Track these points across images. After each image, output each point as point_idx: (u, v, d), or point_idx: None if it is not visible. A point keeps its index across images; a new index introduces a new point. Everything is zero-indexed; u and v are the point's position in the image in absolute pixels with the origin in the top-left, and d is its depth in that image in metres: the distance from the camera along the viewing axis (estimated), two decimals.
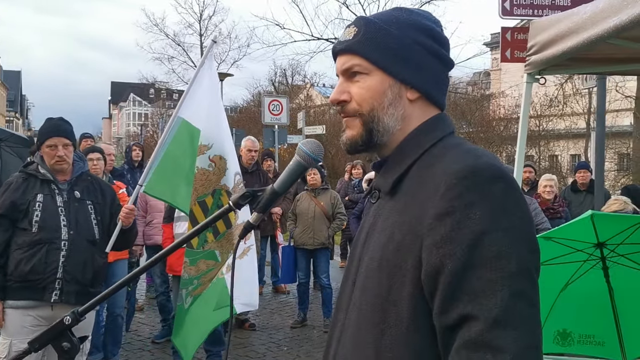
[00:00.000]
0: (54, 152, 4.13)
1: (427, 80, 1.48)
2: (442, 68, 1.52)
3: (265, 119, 17.11)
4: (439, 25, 1.54)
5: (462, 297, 1.21)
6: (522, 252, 1.24)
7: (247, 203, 1.66)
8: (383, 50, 1.46)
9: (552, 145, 23.56)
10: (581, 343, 4.09)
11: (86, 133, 9.58)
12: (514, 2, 7.63)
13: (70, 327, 1.66)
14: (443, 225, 1.26)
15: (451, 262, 1.23)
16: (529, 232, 1.29)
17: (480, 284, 1.20)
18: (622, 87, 18.80)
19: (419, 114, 1.49)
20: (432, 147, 1.43)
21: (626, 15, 2.81)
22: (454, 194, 1.27)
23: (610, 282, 3.84)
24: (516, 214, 1.27)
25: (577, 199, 8.63)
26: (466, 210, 1.25)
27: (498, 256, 1.21)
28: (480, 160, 1.31)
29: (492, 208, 1.25)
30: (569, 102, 22.96)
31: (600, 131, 7.51)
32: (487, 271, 1.21)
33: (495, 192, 1.26)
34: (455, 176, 1.29)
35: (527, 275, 1.23)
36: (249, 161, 7.98)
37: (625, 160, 21.23)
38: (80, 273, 4.07)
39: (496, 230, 1.23)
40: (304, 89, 38.14)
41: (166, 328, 7.30)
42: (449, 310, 1.23)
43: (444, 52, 1.51)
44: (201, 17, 37.45)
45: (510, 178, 1.31)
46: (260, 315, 8.71)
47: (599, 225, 3.64)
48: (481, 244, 1.22)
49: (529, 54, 3.89)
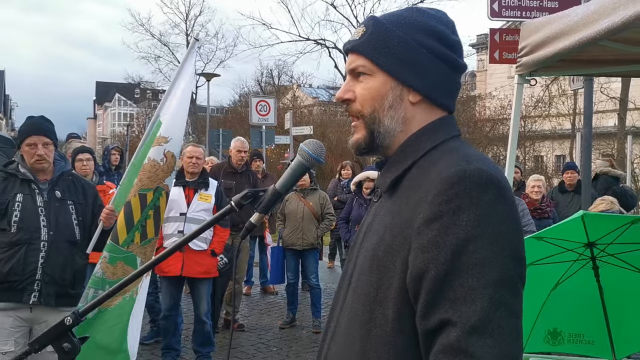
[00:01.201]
0: (33, 151, 4.03)
1: (430, 84, 1.47)
2: (449, 71, 1.50)
3: (252, 119, 17.08)
4: (451, 27, 1.52)
5: (443, 303, 1.22)
6: (507, 261, 1.24)
7: (248, 203, 1.67)
8: (386, 52, 1.46)
9: (538, 146, 23.72)
10: (571, 342, 4.13)
11: (73, 133, 9.54)
12: (502, 3, 7.69)
13: (71, 327, 1.66)
14: (430, 229, 1.27)
15: (435, 267, 1.24)
16: (516, 242, 1.28)
17: (462, 291, 1.21)
18: (606, 89, 18.98)
19: (421, 116, 1.49)
20: (432, 150, 1.43)
21: (618, 18, 2.84)
22: (443, 199, 1.28)
23: (601, 281, 3.87)
24: (504, 222, 1.27)
25: (565, 199, 8.70)
26: (453, 216, 1.25)
27: (481, 264, 1.22)
28: (472, 166, 1.30)
29: (480, 215, 1.25)
30: (555, 103, 23.12)
31: (588, 132, 7.57)
32: (470, 278, 1.21)
33: (484, 199, 1.26)
34: (445, 181, 1.29)
35: (510, 285, 1.24)
36: (238, 162, 7.96)
37: None
38: (60, 274, 3.98)
39: (481, 238, 1.23)
40: (290, 89, 38.11)
41: (154, 329, 7.28)
42: (430, 314, 1.24)
43: (452, 55, 1.49)
44: (187, 17, 37.31)
45: (502, 185, 1.30)
46: (249, 316, 8.70)
47: (590, 225, 3.67)
48: (465, 250, 1.23)
49: (520, 55, 3.92)
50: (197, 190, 6.27)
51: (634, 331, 4.05)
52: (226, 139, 19.92)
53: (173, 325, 6.32)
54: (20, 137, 4.14)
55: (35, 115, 4.30)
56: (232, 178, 7.82)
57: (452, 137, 1.47)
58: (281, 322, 8.28)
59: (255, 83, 39.60)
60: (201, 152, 6.46)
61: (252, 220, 1.68)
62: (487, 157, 1.41)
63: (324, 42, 27.40)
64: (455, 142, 1.46)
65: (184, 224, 6.11)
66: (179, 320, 6.53)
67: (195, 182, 6.29)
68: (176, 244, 1.75)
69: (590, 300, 3.94)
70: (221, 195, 6.45)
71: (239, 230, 7.43)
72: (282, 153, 25.76)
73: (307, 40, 27.44)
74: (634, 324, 4.03)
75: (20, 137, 4.15)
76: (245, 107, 32.93)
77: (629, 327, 4.02)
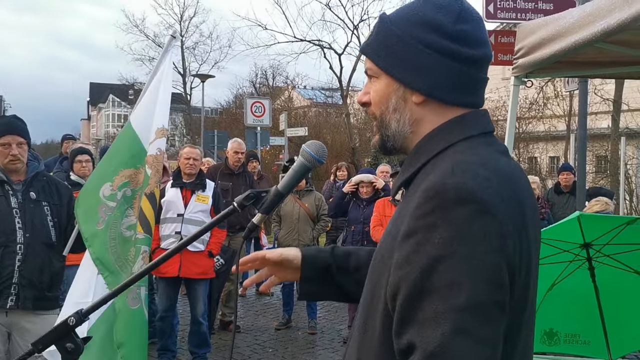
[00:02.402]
0: (7, 151, 3.92)
1: (431, 82, 1.36)
2: (456, 64, 1.35)
3: (247, 120, 17.06)
4: (455, 14, 1.37)
5: (411, 324, 1.17)
6: (478, 285, 1.13)
7: (251, 204, 1.68)
8: (386, 53, 1.40)
9: (532, 147, 23.74)
10: (567, 342, 4.16)
11: (68, 134, 9.52)
12: (497, 5, 7.72)
13: (74, 328, 1.66)
14: (406, 244, 1.22)
15: (406, 285, 1.19)
16: (492, 263, 1.16)
17: (428, 313, 1.14)
18: (600, 90, 19.00)
19: (432, 117, 1.39)
20: (442, 152, 1.34)
21: (613, 20, 2.87)
22: (420, 213, 1.21)
23: (596, 282, 3.90)
24: (479, 242, 1.16)
25: (561, 201, 8.74)
26: (427, 233, 1.18)
27: (449, 286, 1.13)
28: (451, 179, 1.21)
29: (453, 233, 1.16)
30: (549, 105, 23.17)
31: (582, 133, 7.60)
32: (436, 301, 1.14)
33: (459, 216, 1.17)
34: (425, 194, 1.23)
35: (478, 311, 1.13)
36: (235, 163, 7.96)
37: (603, 162, 21.47)
38: (38, 277, 3.90)
39: (452, 258, 1.15)
40: (285, 90, 38.09)
41: (151, 330, 7.24)
42: (400, 334, 1.19)
43: (455, 47, 1.35)
44: (182, 18, 37.21)
45: (483, 201, 1.18)
46: (245, 317, 8.70)
47: (586, 226, 3.70)
48: (436, 270, 1.15)
49: (516, 57, 3.94)
50: (194, 191, 6.28)
51: (629, 331, 4.09)
52: (221, 140, 19.92)
53: (169, 326, 6.32)
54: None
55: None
56: (228, 179, 7.82)
57: (467, 137, 1.35)
58: (277, 323, 8.29)
59: (250, 84, 39.57)
60: (198, 154, 6.46)
61: (255, 221, 1.69)
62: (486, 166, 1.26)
63: (319, 43, 27.37)
64: (465, 144, 1.34)
65: (181, 224, 6.12)
66: (175, 322, 6.53)
67: (193, 184, 6.30)
68: (178, 245, 1.75)
69: (586, 300, 3.97)
70: (218, 197, 6.47)
71: (235, 231, 7.45)
72: (277, 154, 25.77)
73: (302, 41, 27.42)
74: (629, 324, 4.06)
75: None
76: (239, 108, 32.90)
77: (625, 327, 4.05)
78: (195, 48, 37.22)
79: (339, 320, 8.68)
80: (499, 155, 1.34)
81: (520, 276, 1.22)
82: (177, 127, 45.83)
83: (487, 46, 1.41)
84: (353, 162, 22.87)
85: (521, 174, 1.37)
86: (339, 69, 27.93)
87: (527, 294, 1.28)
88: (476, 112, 1.41)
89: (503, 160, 1.33)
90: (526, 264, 1.25)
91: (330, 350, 7.34)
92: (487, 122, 1.42)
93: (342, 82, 27.95)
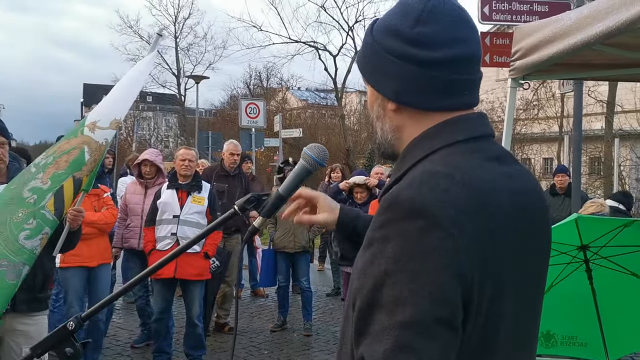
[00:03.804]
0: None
1: (396, 88, 1.34)
2: (420, 70, 1.30)
3: (242, 122, 17.06)
4: (413, 19, 1.32)
5: (364, 336, 1.16)
6: (424, 302, 1.11)
7: (252, 208, 1.67)
8: (363, 62, 1.41)
9: (526, 148, 23.82)
10: (564, 344, 4.16)
11: (62, 136, 9.46)
12: (493, 7, 7.75)
13: (74, 332, 1.65)
14: (364, 255, 1.21)
15: (360, 297, 1.18)
16: (438, 279, 1.12)
17: (377, 328, 1.13)
18: (594, 92, 19.08)
19: (411, 123, 1.36)
20: (423, 160, 1.30)
21: (611, 22, 2.87)
22: (377, 225, 1.20)
23: (594, 284, 3.91)
24: (428, 257, 1.12)
25: (556, 202, 8.74)
26: (381, 245, 1.17)
27: (396, 301, 1.12)
28: (406, 192, 1.19)
29: (403, 247, 1.14)
30: (543, 106, 23.25)
31: (578, 135, 7.62)
32: (384, 315, 1.12)
33: (410, 229, 1.14)
34: (383, 204, 1.21)
35: (422, 328, 1.10)
36: (231, 165, 7.94)
37: (597, 163, 21.56)
38: (32, 279, 3.78)
39: (400, 272, 1.12)
40: (279, 91, 38.09)
41: (145, 332, 7.25)
42: (357, 346, 1.18)
43: (414, 51, 1.30)
44: (176, 19, 37.14)
45: (433, 216, 1.15)
46: (240, 319, 8.68)
47: (583, 228, 3.71)
48: (385, 284, 1.13)
49: (514, 59, 3.94)
50: (190, 192, 6.26)
51: (627, 333, 4.09)
52: (215, 142, 19.90)
53: (165, 328, 6.30)
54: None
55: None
56: (224, 181, 7.80)
57: (451, 143, 1.30)
58: (272, 325, 8.27)
59: (244, 85, 39.55)
60: (193, 155, 6.45)
61: (256, 224, 1.68)
62: (448, 177, 1.21)
63: (314, 44, 27.39)
64: (446, 151, 1.29)
65: (177, 226, 6.10)
66: (170, 323, 6.51)
67: (189, 185, 6.29)
68: (179, 248, 1.75)
69: (584, 302, 3.98)
70: (214, 198, 6.45)
71: (231, 233, 7.44)
72: (272, 155, 25.77)
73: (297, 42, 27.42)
74: (626, 326, 4.07)
75: None
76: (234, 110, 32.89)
77: (622, 329, 4.05)
78: (189, 49, 37.11)
79: (335, 322, 8.68)
80: (482, 163, 1.28)
81: (483, 291, 1.18)
82: (171, 128, 45.81)
83: (455, 45, 1.31)
84: (347, 164, 22.89)
85: (509, 182, 1.29)
86: (334, 70, 27.95)
87: (500, 308, 1.23)
88: (465, 116, 1.35)
89: (484, 170, 1.27)
90: (494, 278, 1.20)
91: (325, 352, 7.33)
92: (477, 126, 1.35)
93: (337, 84, 27.96)
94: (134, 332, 7.72)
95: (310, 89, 36.62)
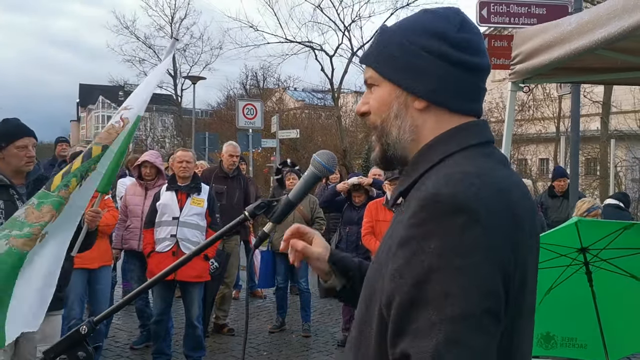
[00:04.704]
0: (23, 153, 3.91)
1: (434, 87, 1.38)
2: (460, 72, 1.38)
3: (239, 122, 17.04)
4: (458, 24, 1.40)
5: (405, 334, 1.16)
6: (472, 295, 1.14)
7: (262, 213, 1.70)
8: (388, 60, 1.42)
9: (523, 149, 23.89)
10: (564, 346, 4.19)
11: (61, 137, 9.48)
12: (491, 10, 7.78)
13: (86, 336, 1.67)
14: (401, 253, 1.22)
15: (399, 295, 1.19)
16: (486, 274, 1.16)
17: (422, 324, 1.14)
18: (590, 93, 19.15)
19: (432, 124, 1.40)
20: (440, 163, 1.34)
21: (614, 28, 2.90)
22: (414, 222, 1.22)
23: (593, 286, 3.94)
24: (473, 252, 1.16)
25: (555, 204, 8.77)
26: (422, 242, 1.18)
27: (443, 296, 1.13)
28: (445, 190, 1.21)
29: (447, 243, 1.16)
30: (540, 107, 23.33)
31: (575, 137, 7.66)
32: (430, 311, 1.14)
33: (453, 225, 1.17)
34: (420, 203, 1.23)
35: (472, 322, 1.13)
36: (230, 166, 7.94)
37: (593, 164, 21.63)
38: None
39: (446, 268, 1.15)
40: (276, 92, 38.06)
41: (145, 334, 7.26)
42: (395, 344, 1.19)
43: (461, 55, 1.37)
44: (172, 19, 37.06)
45: (475, 212, 1.18)
46: (238, 320, 8.69)
47: (583, 231, 3.74)
48: (429, 281, 1.15)
49: (514, 62, 3.97)
50: (189, 194, 6.27)
51: (626, 335, 4.12)
52: (212, 142, 19.88)
53: (164, 329, 6.31)
54: (7, 139, 3.93)
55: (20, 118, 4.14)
56: (223, 182, 7.81)
57: (465, 147, 1.36)
58: (271, 326, 8.29)
59: (240, 86, 39.51)
60: (191, 156, 6.45)
61: (266, 230, 1.71)
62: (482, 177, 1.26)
63: (310, 44, 27.35)
64: (465, 154, 1.35)
65: (177, 228, 6.11)
66: (169, 325, 6.52)
67: (188, 187, 6.29)
68: (195, 249, 1.78)
69: (583, 304, 4.00)
70: (213, 200, 6.46)
71: (230, 235, 7.45)
72: (269, 156, 25.76)
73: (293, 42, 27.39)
74: (626, 328, 4.10)
75: (6, 140, 3.93)
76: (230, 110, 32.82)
77: (622, 330, 4.08)
78: (186, 50, 37.00)
79: (333, 323, 8.70)
80: (496, 166, 1.34)
81: (514, 287, 1.22)
82: (167, 128, 45.72)
83: (486, 57, 1.43)
84: (344, 164, 22.86)
85: (519, 185, 1.35)
86: (330, 70, 27.95)
87: (521, 305, 1.27)
88: (476, 122, 1.42)
89: (501, 172, 1.33)
90: (521, 275, 1.24)
91: (324, 353, 7.35)
92: (487, 132, 1.43)
93: (334, 84, 27.95)
94: (134, 334, 7.73)
95: (307, 89, 36.58)
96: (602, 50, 3.26)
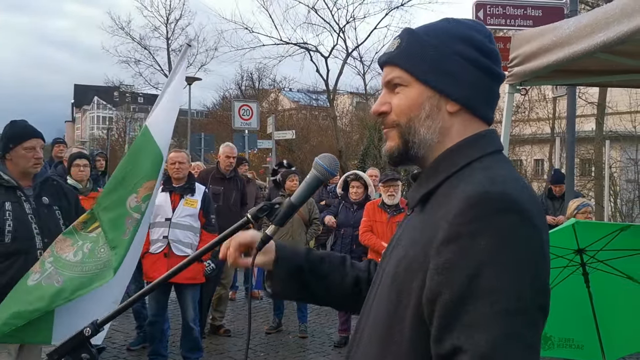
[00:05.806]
0: (31, 154, 3.93)
1: (469, 92, 1.43)
2: (488, 80, 1.46)
3: (235, 123, 17.05)
4: (488, 36, 1.48)
5: (456, 328, 1.18)
6: (523, 290, 1.18)
7: (264, 215, 1.70)
8: (421, 62, 1.44)
9: (518, 150, 23.92)
10: (561, 346, 4.20)
11: (58, 138, 9.49)
12: (487, 11, 7.80)
13: (90, 338, 1.67)
14: (447, 250, 1.24)
15: (449, 290, 1.21)
16: (536, 270, 1.22)
17: (475, 317, 1.17)
18: (584, 94, 19.21)
19: (459, 128, 1.45)
20: (466, 167, 1.38)
21: (613, 32, 2.92)
22: (462, 221, 1.24)
23: (590, 287, 3.95)
24: (523, 249, 1.21)
25: (554, 206, 8.81)
26: (471, 239, 1.21)
27: (497, 291, 1.17)
28: (495, 188, 1.26)
29: (498, 240, 1.20)
30: (535, 108, 23.38)
31: (571, 139, 7.69)
32: (483, 305, 1.17)
33: (503, 224, 1.22)
34: (466, 202, 1.26)
35: (526, 315, 1.18)
36: (227, 167, 7.93)
37: (588, 165, 21.68)
38: None
39: (499, 264, 1.18)
40: (271, 93, 38.05)
41: (141, 335, 7.24)
42: (443, 339, 1.20)
43: (490, 64, 1.45)
44: (167, 20, 37.00)
45: (526, 209, 1.25)
46: (235, 321, 8.70)
47: (580, 233, 3.76)
48: (482, 275, 1.18)
49: (511, 65, 3.99)
50: (182, 195, 6.25)
51: (623, 335, 4.14)
52: (208, 143, 19.88)
53: (159, 331, 6.29)
54: (16, 141, 3.96)
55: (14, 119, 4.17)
56: (220, 183, 7.81)
57: (488, 153, 1.42)
58: (267, 327, 8.29)
59: (236, 86, 39.47)
60: (184, 157, 6.42)
61: (268, 232, 1.71)
62: (518, 180, 1.34)
63: (305, 45, 27.37)
64: (490, 159, 1.40)
65: (169, 229, 6.10)
66: (165, 326, 6.51)
67: (181, 188, 6.27)
68: (197, 253, 1.80)
69: (580, 305, 4.02)
70: (208, 201, 6.43)
71: None
72: (264, 157, 25.74)
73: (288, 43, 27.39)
74: (623, 329, 4.12)
75: (14, 141, 3.96)
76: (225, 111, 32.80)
77: (618, 331, 4.10)
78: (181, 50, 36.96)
79: (330, 324, 8.71)
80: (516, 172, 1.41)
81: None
82: None
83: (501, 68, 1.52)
84: (340, 165, 22.90)
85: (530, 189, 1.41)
86: (326, 72, 27.96)
87: None
88: (493, 130, 1.49)
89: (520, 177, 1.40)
90: None
91: (321, 353, 7.36)
92: (497, 140, 1.48)
93: (329, 85, 27.96)
94: (130, 335, 7.72)
95: (302, 90, 36.61)
96: (600, 53, 3.28)
